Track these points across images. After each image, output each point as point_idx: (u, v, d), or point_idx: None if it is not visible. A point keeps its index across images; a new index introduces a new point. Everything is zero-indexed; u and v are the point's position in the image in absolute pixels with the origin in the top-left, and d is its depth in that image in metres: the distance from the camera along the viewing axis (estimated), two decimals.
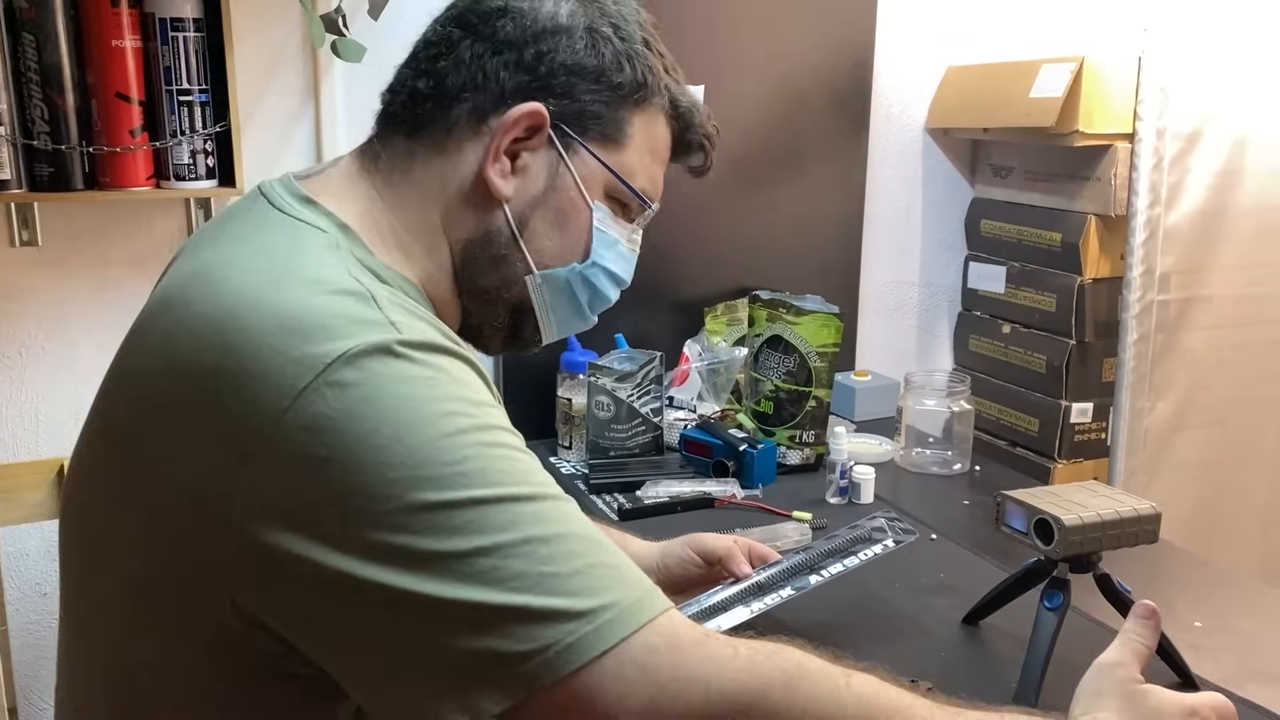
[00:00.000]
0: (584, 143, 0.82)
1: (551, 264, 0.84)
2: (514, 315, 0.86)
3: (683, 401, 1.79)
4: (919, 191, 2.16)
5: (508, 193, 0.81)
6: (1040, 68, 1.84)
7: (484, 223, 0.81)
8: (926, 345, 2.23)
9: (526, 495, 0.64)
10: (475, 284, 0.83)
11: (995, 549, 1.34)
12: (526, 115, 0.79)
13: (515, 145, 0.80)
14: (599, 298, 0.89)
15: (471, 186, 0.80)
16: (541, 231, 0.83)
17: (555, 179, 0.82)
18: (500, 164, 0.80)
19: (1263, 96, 1.81)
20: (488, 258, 0.82)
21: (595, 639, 0.61)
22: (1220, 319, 1.87)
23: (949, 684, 1.02)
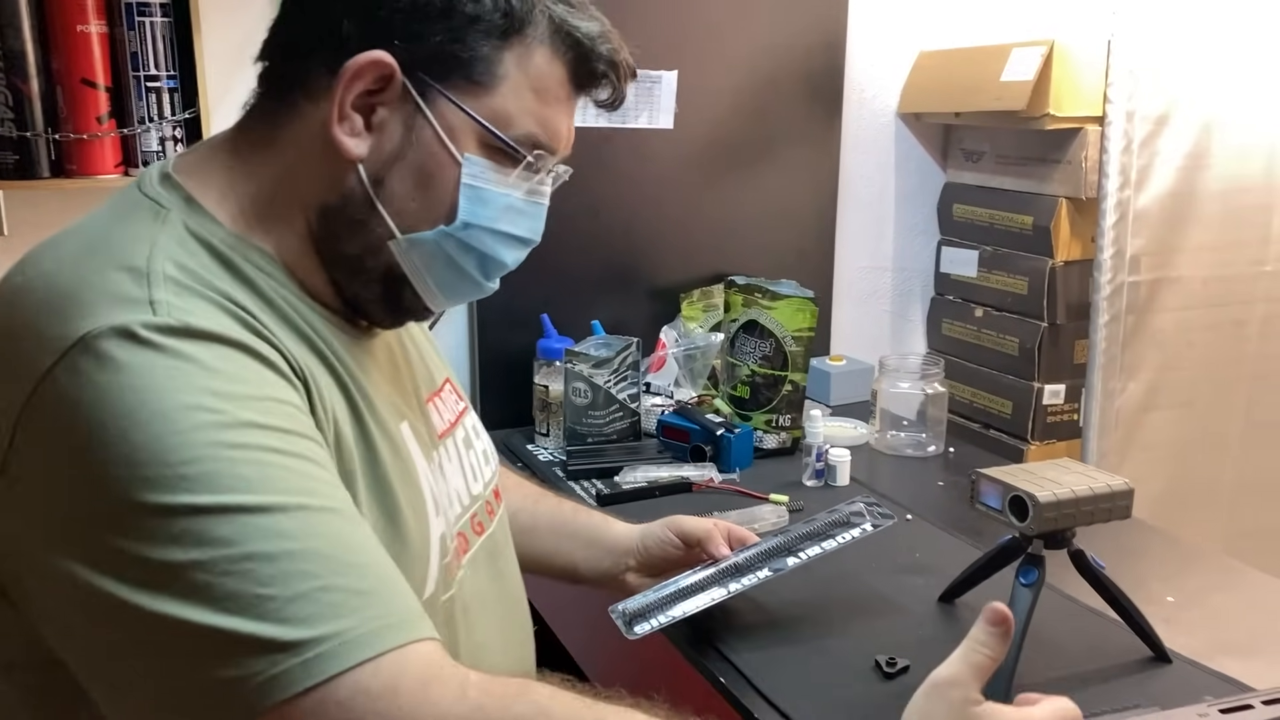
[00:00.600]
0: (444, 90, 0.73)
1: (416, 227, 0.75)
2: (387, 284, 0.77)
3: (659, 387, 1.79)
4: (891, 176, 2.17)
5: (359, 152, 0.73)
6: (1011, 52, 1.85)
7: (338, 186, 0.74)
8: (900, 330, 2.24)
9: (259, 506, 0.59)
10: (337, 252, 0.76)
11: (970, 529, 1.35)
12: (368, 66, 0.71)
13: (368, 100, 0.73)
14: (490, 261, 0.80)
15: (324, 148, 0.73)
16: (401, 192, 0.74)
17: (414, 133, 0.74)
18: (349, 122, 0.73)
19: (1230, 79, 1.83)
20: (345, 223, 0.75)
21: (300, 673, 0.56)
22: (1189, 300, 1.89)
23: (927, 660, 1.03)
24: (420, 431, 0.83)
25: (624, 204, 1.88)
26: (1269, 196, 1.92)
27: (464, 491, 0.88)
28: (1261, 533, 2.03)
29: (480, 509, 0.90)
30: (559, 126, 0.79)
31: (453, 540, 0.82)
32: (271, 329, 0.68)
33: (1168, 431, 1.92)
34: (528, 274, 1.80)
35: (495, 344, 1.83)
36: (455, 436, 0.91)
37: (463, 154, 0.74)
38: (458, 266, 0.78)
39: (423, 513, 0.77)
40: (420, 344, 0.95)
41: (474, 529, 0.88)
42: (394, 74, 0.72)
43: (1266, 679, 0.95)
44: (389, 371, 0.83)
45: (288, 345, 0.69)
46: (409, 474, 0.77)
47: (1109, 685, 0.99)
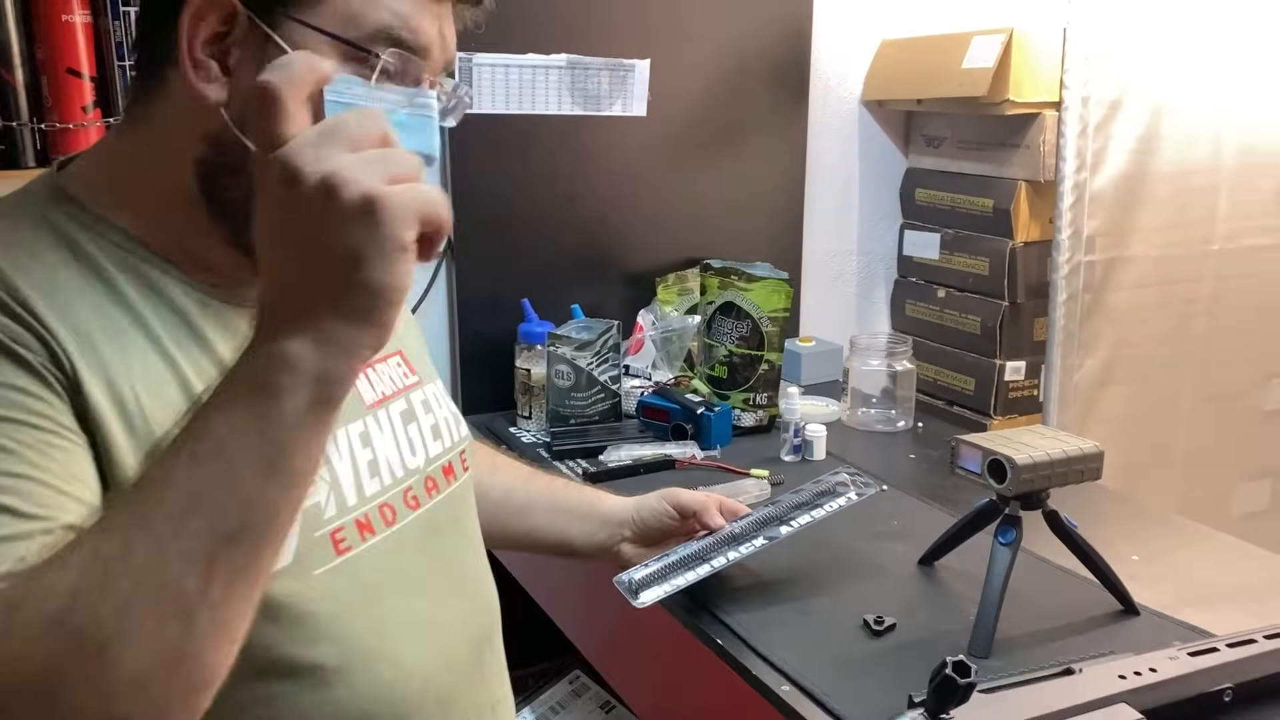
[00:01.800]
0: (287, 11, 0.70)
1: None
2: None
3: (638, 370, 1.83)
4: (855, 163, 2.22)
5: (219, 96, 0.71)
6: (971, 40, 1.91)
7: (209, 138, 0.72)
8: (865, 311, 2.31)
9: None
10: (225, 201, 0.74)
11: (943, 497, 1.42)
12: (203, 6, 0.70)
13: (221, 44, 0.71)
14: None
15: (190, 106, 0.72)
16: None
17: (268, 63, 0.67)
18: (204, 68, 0.71)
19: (1177, 66, 1.91)
20: (223, 170, 0.73)
21: None
22: (1142, 279, 1.97)
23: (911, 618, 1.09)
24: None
25: (599, 190, 1.92)
26: (1215, 178, 2.00)
27: (396, 463, 0.86)
28: (1211, 498, 2.13)
29: (418, 483, 0.88)
30: (421, 24, 0.74)
31: (352, 512, 0.81)
32: (55, 311, 0.67)
33: (1123, 405, 2.00)
34: (507, 260, 1.86)
35: (476, 329, 1.86)
36: (390, 407, 0.89)
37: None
38: None
39: None
40: None
41: (406, 503, 0.86)
42: (235, 9, 0.70)
43: (1227, 625, 1.01)
44: None
45: (65, 316, 0.68)
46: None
47: (1084, 636, 1.05)
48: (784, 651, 1.03)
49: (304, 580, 0.75)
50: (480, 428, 1.76)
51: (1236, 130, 1.99)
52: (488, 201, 1.82)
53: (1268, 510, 2.23)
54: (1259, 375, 2.16)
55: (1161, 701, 0.86)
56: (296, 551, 0.75)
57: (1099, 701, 0.84)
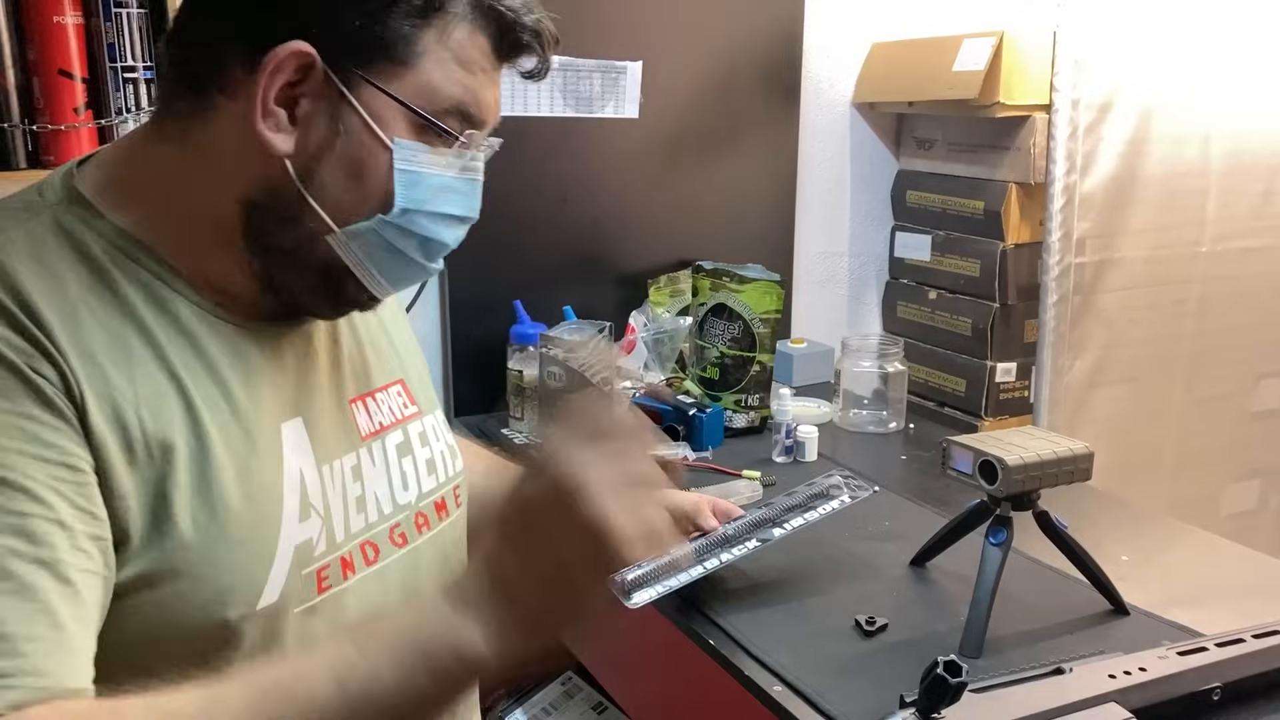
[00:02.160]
0: (366, 75, 0.71)
1: (352, 218, 0.74)
2: (327, 276, 0.76)
3: (630, 371, 1.83)
4: (847, 165, 2.23)
5: (285, 148, 0.71)
6: (962, 42, 1.92)
7: (264, 181, 0.73)
8: (856, 313, 2.31)
9: None
10: (267, 244, 0.74)
11: (935, 498, 1.42)
12: (289, 57, 0.70)
13: (290, 92, 0.71)
14: (432, 244, 0.78)
15: (245, 144, 0.71)
16: (333, 184, 0.73)
17: (340, 123, 0.72)
18: (274, 117, 0.71)
19: (1166, 69, 1.92)
20: (275, 219, 0.74)
21: None
22: (1131, 280, 1.98)
23: (904, 619, 1.09)
24: (317, 430, 0.80)
25: (592, 192, 1.92)
26: (1203, 180, 2.01)
27: (385, 499, 0.84)
28: (1200, 498, 2.14)
29: (407, 520, 0.86)
30: (486, 98, 0.77)
31: (340, 549, 0.79)
32: (66, 329, 0.67)
33: (1113, 406, 2.01)
34: (499, 262, 1.86)
35: (468, 331, 1.86)
36: (387, 440, 0.87)
37: (392, 139, 0.73)
38: (399, 253, 0.77)
39: (270, 517, 0.74)
40: (370, 344, 0.91)
41: (393, 540, 0.84)
42: (315, 64, 0.70)
43: (1216, 625, 1.02)
44: (296, 367, 0.81)
45: (76, 337, 0.67)
46: (265, 474, 0.74)
47: (1075, 636, 1.06)
48: (776, 652, 1.03)
49: (282, 619, 0.74)
50: (472, 429, 1.76)
51: (1224, 133, 2.00)
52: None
53: (1256, 510, 2.24)
54: (1248, 376, 2.17)
55: (1151, 701, 0.86)
56: (283, 589, 0.74)
57: (1089, 701, 0.84)
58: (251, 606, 0.71)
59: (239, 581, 0.71)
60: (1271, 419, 2.21)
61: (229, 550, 0.71)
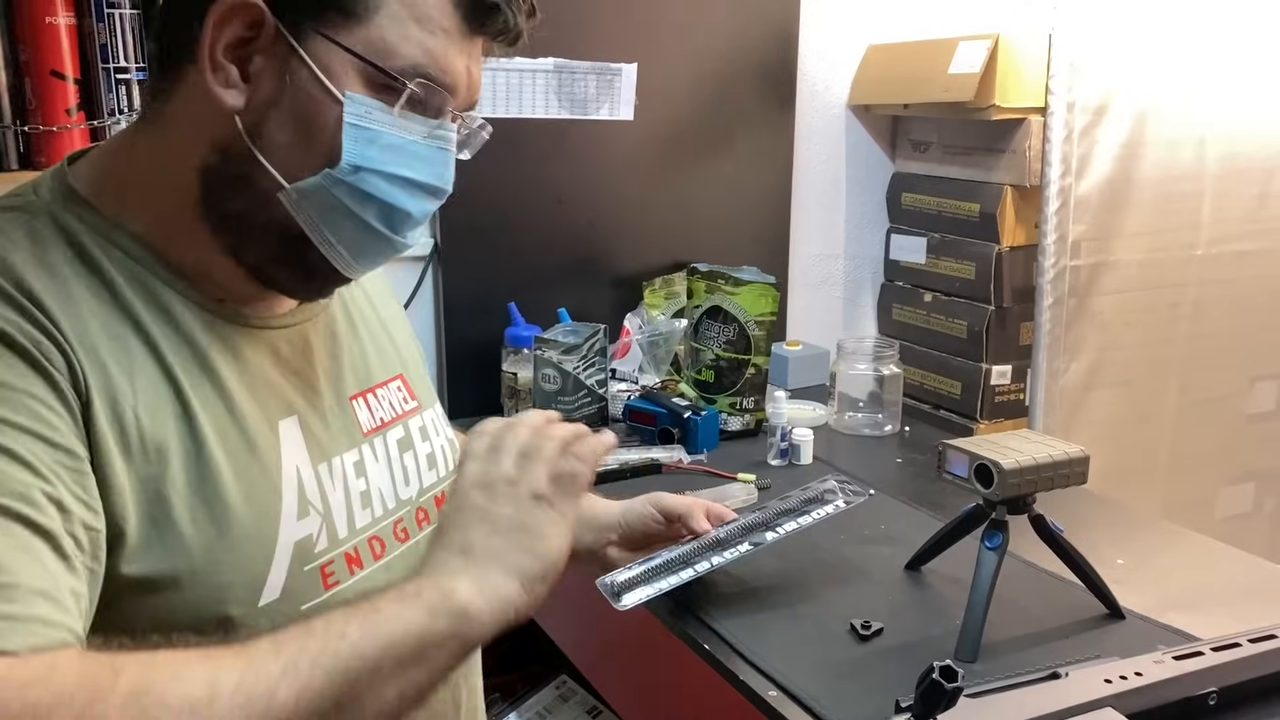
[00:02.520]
0: (317, 27, 0.70)
1: (302, 174, 0.72)
2: (287, 244, 0.75)
3: (624, 373, 1.83)
4: (842, 167, 2.23)
5: (235, 103, 0.70)
6: (958, 45, 1.92)
7: (218, 143, 0.72)
8: (852, 315, 2.31)
9: None
10: (225, 211, 0.73)
11: (930, 501, 1.42)
12: (233, 9, 0.69)
13: (244, 51, 0.70)
14: (394, 211, 0.75)
15: (205, 108, 0.71)
16: (281, 140, 0.71)
17: (289, 76, 0.70)
18: (223, 72, 0.70)
19: (1161, 72, 1.92)
20: (228, 180, 0.72)
21: None
22: (1126, 283, 1.98)
23: (899, 623, 1.09)
24: (314, 429, 0.80)
25: (587, 194, 1.92)
26: (1198, 184, 2.01)
27: (389, 494, 0.85)
28: (1196, 501, 2.14)
29: (409, 515, 0.87)
30: (452, 63, 0.74)
31: (342, 545, 0.80)
32: (68, 323, 0.67)
33: (1108, 409, 2.01)
34: (494, 264, 1.86)
35: (462, 333, 1.86)
36: (388, 435, 0.87)
37: (344, 92, 0.71)
38: (357, 218, 0.74)
39: (268, 516, 0.74)
40: (369, 340, 0.91)
41: (396, 535, 0.85)
42: (264, 19, 0.70)
43: (1211, 629, 1.01)
44: (294, 366, 0.81)
45: (81, 333, 0.68)
46: (262, 474, 0.75)
47: (1070, 640, 1.05)
48: (771, 657, 1.03)
49: (289, 616, 0.73)
50: (467, 431, 1.75)
51: (1220, 136, 2.00)
52: (475, 205, 1.81)
53: (1251, 513, 2.24)
54: (1243, 379, 2.17)
55: (1147, 705, 0.86)
56: (285, 586, 0.74)
57: (1085, 706, 0.84)
58: (253, 604, 0.72)
59: (239, 579, 0.71)
60: (1266, 421, 2.21)
61: (228, 549, 0.71)
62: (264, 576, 0.73)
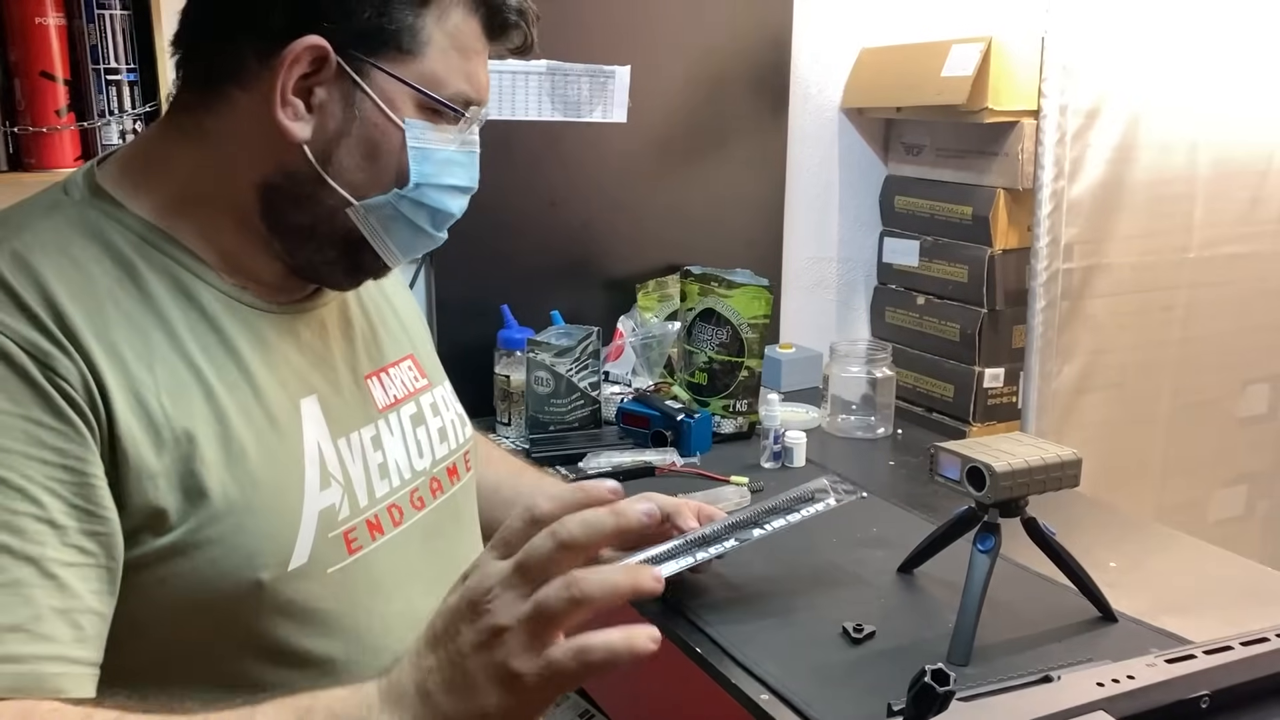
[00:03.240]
0: (377, 63, 0.78)
1: (370, 193, 0.81)
2: (345, 248, 0.83)
3: (617, 376, 1.83)
4: (835, 170, 2.23)
5: (304, 135, 0.78)
6: (950, 48, 1.92)
7: (282, 165, 0.79)
8: (845, 318, 2.31)
9: None
10: (286, 223, 0.81)
11: (923, 504, 1.42)
12: (305, 50, 0.76)
13: (305, 82, 0.77)
14: (440, 214, 0.86)
15: (264, 133, 0.77)
16: (350, 165, 0.80)
17: (355, 108, 0.79)
18: (291, 106, 0.77)
19: (1153, 75, 1.93)
20: (292, 199, 0.80)
21: None
22: (1119, 286, 1.99)
23: (891, 626, 1.08)
24: (333, 406, 0.85)
25: (580, 196, 1.91)
26: (1190, 187, 2.02)
27: (404, 466, 0.90)
28: (1188, 504, 2.14)
29: (424, 484, 0.92)
30: (481, 79, 0.84)
31: (363, 513, 0.84)
32: (90, 324, 0.71)
33: (1101, 411, 2.01)
34: (487, 266, 1.85)
35: (455, 335, 1.85)
36: (401, 411, 0.93)
37: (404, 119, 0.80)
38: (412, 224, 0.83)
39: (291, 485, 0.79)
40: (379, 323, 0.96)
41: (413, 503, 0.90)
42: (328, 55, 0.76)
43: (1204, 632, 1.01)
44: (312, 347, 0.86)
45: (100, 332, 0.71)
46: (284, 448, 0.79)
47: (1063, 644, 1.05)
48: (763, 660, 1.02)
49: (318, 580, 0.79)
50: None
51: (1212, 139, 2.01)
52: (468, 206, 1.81)
53: (1244, 516, 2.24)
54: (1235, 382, 2.17)
55: (1139, 709, 0.86)
56: (312, 552, 0.78)
57: (1077, 709, 0.84)
58: (283, 568, 0.76)
59: (268, 546, 0.76)
60: (1258, 424, 2.21)
61: (256, 518, 0.75)
62: (291, 543, 0.77)
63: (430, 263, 1.83)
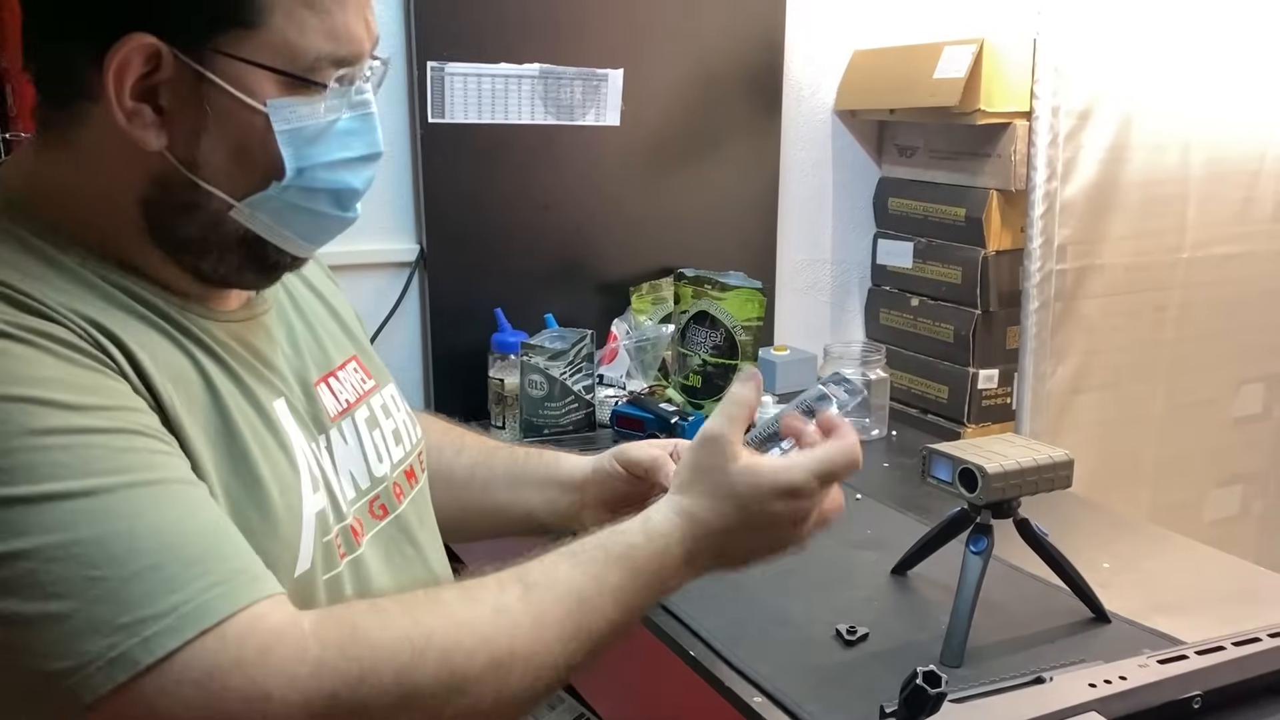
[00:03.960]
0: (217, 48, 0.68)
1: (250, 191, 0.72)
2: (244, 250, 0.75)
3: (612, 379, 1.83)
4: (829, 172, 2.23)
5: (157, 143, 0.69)
6: (943, 50, 1.92)
7: (152, 177, 0.71)
8: (839, 320, 2.31)
9: (82, 490, 0.59)
10: (176, 238, 0.73)
11: (917, 506, 1.42)
12: (132, 52, 0.66)
13: (147, 83, 0.68)
14: (342, 193, 0.76)
15: (123, 145, 0.69)
16: (218, 164, 0.71)
17: (206, 102, 0.69)
18: (138, 116, 0.68)
19: (1146, 76, 1.93)
20: (172, 210, 0.72)
21: (140, 652, 0.57)
22: (1112, 287, 1.99)
23: (885, 628, 1.08)
24: (300, 411, 0.82)
25: (573, 199, 1.91)
26: (1184, 187, 2.02)
27: (363, 474, 0.86)
28: (1182, 504, 2.14)
29: (385, 491, 0.89)
30: (350, 30, 0.72)
31: (344, 520, 0.82)
32: (69, 308, 0.66)
33: (1095, 412, 2.01)
34: (480, 270, 1.85)
35: (448, 339, 1.85)
36: (355, 416, 0.88)
37: (264, 103, 0.70)
38: (310, 211, 0.75)
39: (293, 487, 0.76)
40: (318, 325, 0.91)
41: (372, 513, 0.86)
42: (160, 51, 0.67)
43: (1197, 632, 1.01)
44: (265, 351, 0.82)
45: (95, 320, 0.67)
46: (280, 448, 0.76)
47: (1055, 644, 1.05)
48: (756, 662, 1.02)
49: (315, 586, 0.76)
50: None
51: (1205, 140, 2.01)
52: (461, 211, 1.81)
53: (1238, 516, 2.24)
54: (1229, 382, 2.18)
55: (1131, 709, 0.86)
56: (313, 557, 0.76)
57: (1069, 710, 0.84)
58: (290, 574, 0.73)
59: (279, 551, 0.73)
60: (1252, 424, 2.22)
61: (263, 519, 0.72)
62: (297, 546, 0.75)
63: (423, 266, 1.83)
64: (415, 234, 1.84)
